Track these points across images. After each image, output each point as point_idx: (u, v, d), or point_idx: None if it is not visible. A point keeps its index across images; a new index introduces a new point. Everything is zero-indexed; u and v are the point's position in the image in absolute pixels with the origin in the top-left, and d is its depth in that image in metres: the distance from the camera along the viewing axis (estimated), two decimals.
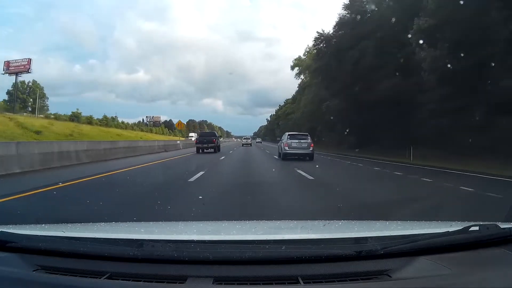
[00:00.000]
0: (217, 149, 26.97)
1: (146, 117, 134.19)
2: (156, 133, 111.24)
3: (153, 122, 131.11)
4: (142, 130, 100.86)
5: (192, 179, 9.36)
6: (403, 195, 7.78)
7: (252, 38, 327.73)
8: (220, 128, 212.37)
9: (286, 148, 18.15)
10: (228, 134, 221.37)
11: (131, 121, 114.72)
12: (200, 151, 25.59)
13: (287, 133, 19.73)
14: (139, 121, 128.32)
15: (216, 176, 11.09)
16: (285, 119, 77.06)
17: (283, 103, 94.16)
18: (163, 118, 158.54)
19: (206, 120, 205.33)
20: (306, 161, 17.10)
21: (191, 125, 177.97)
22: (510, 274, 1.31)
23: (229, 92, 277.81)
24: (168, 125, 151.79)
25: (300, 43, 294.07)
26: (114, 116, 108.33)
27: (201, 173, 10.83)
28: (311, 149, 18.41)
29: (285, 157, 17.99)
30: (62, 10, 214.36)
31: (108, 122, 79.41)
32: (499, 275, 1.30)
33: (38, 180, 8.90)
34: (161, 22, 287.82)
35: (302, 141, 18.48)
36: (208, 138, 27.60)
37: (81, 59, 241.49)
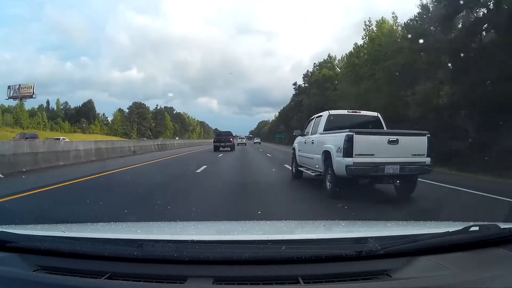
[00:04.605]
0: (233, 147, 29.93)
1: (9, 88, 75.48)
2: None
3: (20, 98, 75.13)
4: None
5: None
6: None
7: (250, 33, 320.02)
8: (201, 123, 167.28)
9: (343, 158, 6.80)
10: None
11: None
12: (218, 149, 28.12)
13: (327, 113, 8.24)
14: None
15: None
16: None
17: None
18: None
19: (172, 108, 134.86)
20: None
21: (134, 113, 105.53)
22: (510, 274, 1.31)
23: (225, 91, 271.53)
24: (84, 112, 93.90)
25: (301, 40, 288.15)
26: None
27: None
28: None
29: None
30: (49, 5, 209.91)
31: None
32: (499, 275, 1.30)
33: None
34: (154, 16, 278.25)
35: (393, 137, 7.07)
36: (225, 137, 30.32)
37: (72, 57, 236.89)
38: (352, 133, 6.18)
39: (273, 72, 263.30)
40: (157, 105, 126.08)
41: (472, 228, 1.47)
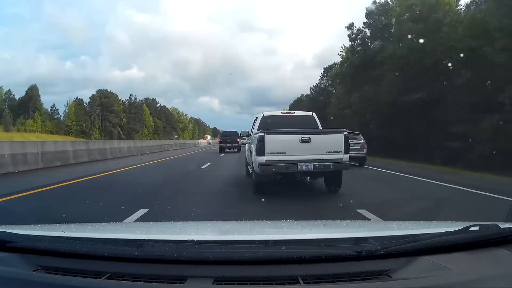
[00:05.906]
0: (239, 148, 27.25)
1: None
2: None
3: None
4: None
5: None
6: None
7: (252, 31, 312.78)
8: (196, 120, 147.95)
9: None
10: (214, 132, 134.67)
11: None
12: (223, 151, 26.39)
13: (261, 115, 9.59)
14: None
15: None
16: None
17: None
18: None
19: (155, 100, 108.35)
20: None
21: (96, 103, 76.08)
22: (510, 274, 1.31)
23: (226, 90, 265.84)
24: (25, 104, 66.49)
25: (304, 38, 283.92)
26: None
27: None
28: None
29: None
30: (48, 3, 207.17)
31: None
32: (499, 275, 1.30)
33: None
34: (155, 14, 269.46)
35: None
36: (231, 138, 27.78)
37: (72, 56, 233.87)
38: (263, 134, 6.86)
39: (275, 71, 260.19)
40: (131, 94, 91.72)
41: (472, 228, 1.47)
